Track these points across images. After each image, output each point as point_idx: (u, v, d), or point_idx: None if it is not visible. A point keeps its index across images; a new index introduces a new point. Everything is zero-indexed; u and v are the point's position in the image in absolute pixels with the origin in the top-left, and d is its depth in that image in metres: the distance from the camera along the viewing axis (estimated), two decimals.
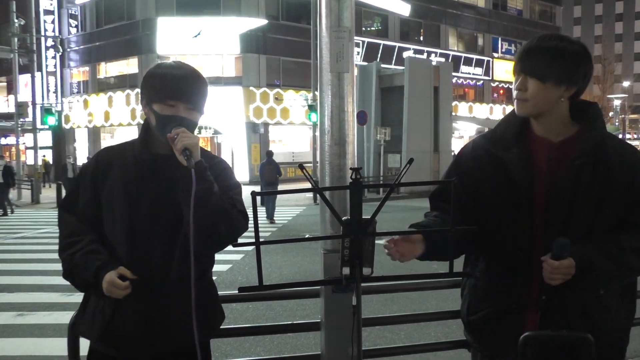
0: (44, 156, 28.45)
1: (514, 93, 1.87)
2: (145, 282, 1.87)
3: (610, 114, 52.99)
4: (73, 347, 2.46)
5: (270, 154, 16.13)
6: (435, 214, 1.96)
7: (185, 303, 1.86)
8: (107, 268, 1.85)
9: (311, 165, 23.59)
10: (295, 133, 32.16)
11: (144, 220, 1.90)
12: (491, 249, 1.92)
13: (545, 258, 1.73)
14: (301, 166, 1.65)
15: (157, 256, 1.90)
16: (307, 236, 8.89)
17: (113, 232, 1.94)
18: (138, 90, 27.34)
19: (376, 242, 1.63)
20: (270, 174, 15.35)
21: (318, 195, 1.76)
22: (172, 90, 1.89)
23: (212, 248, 1.95)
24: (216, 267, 1.96)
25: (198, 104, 1.95)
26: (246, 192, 1.72)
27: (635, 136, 69.32)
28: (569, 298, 1.80)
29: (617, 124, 47.81)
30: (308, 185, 1.65)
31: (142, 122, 2.09)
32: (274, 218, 15.16)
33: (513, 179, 1.84)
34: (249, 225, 1.87)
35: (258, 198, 18.51)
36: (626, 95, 55.59)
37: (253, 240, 1.60)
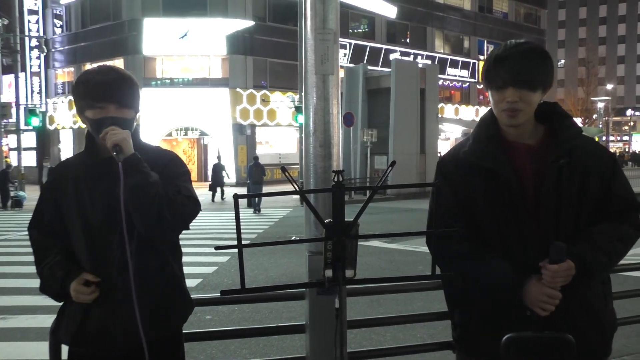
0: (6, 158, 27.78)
1: (503, 105, 1.87)
2: (108, 281, 1.93)
3: (594, 116, 53.56)
4: (55, 353, 2.43)
5: (256, 157, 20.17)
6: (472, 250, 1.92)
7: (151, 295, 1.93)
8: (71, 277, 1.92)
9: (298, 167, 23.57)
10: (282, 135, 32.12)
11: (100, 224, 1.94)
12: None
13: (543, 264, 1.78)
14: (283, 169, 1.64)
15: (115, 255, 1.93)
16: (293, 238, 8.88)
17: (76, 240, 2.00)
18: None
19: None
20: (257, 174, 18.88)
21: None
22: (98, 93, 1.91)
23: (163, 234, 1.94)
24: (202, 270, 1.94)
25: (128, 102, 1.97)
26: (233, 193, 1.70)
27: (618, 138, 70.17)
28: (569, 296, 1.83)
29: (600, 126, 48.33)
30: (297, 185, 1.65)
31: None
32: (260, 207, 18.59)
33: (506, 185, 1.88)
34: (228, 218, 1.85)
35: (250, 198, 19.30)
36: (609, 98, 56.22)
37: (236, 243, 1.59)
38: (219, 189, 22.19)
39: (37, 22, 33.28)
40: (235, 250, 1.65)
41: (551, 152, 1.89)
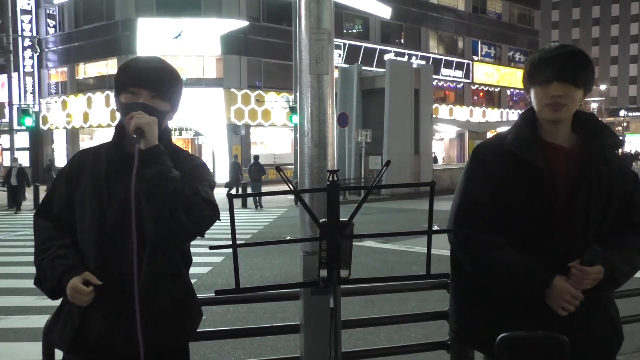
0: None
1: (547, 100, 1.89)
2: (116, 286, 1.80)
3: None
4: (48, 355, 2.40)
5: (257, 157, 21.54)
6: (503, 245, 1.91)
7: (159, 306, 1.81)
8: (71, 273, 1.79)
9: (293, 167, 23.57)
10: (276, 135, 32.10)
11: (115, 221, 1.82)
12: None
13: (574, 264, 1.81)
14: (278, 168, 1.64)
15: (126, 259, 1.80)
16: (288, 238, 8.88)
17: (84, 235, 1.88)
18: None
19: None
20: (256, 173, 20.21)
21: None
22: (134, 78, 1.84)
23: (175, 237, 1.82)
24: (196, 270, 1.93)
25: (164, 93, 1.87)
26: (227, 193, 1.70)
27: None
28: (590, 300, 1.86)
29: None
30: (292, 185, 1.65)
31: None
32: (261, 203, 19.90)
33: (543, 183, 1.89)
34: (222, 218, 1.84)
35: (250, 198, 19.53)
36: (603, 99, 56.52)
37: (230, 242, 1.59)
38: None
39: (30, 21, 33.13)
40: (230, 250, 1.64)
41: (590, 157, 1.92)
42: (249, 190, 20.31)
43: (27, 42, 31.63)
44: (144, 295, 1.79)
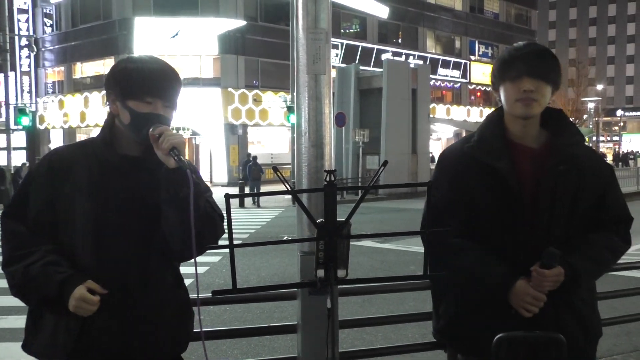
0: None
1: (518, 95, 1.90)
2: (119, 292, 1.74)
3: (585, 116, 53.91)
4: None
5: (255, 157, 23.09)
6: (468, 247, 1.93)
7: (166, 313, 1.77)
8: (73, 282, 1.69)
9: (290, 167, 23.57)
10: (274, 134, 32.09)
11: (113, 226, 1.75)
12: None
13: (535, 268, 1.81)
14: (275, 168, 1.64)
15: (131, 264, 1.76)
16: (285, 238, 8.87)
17: (74, 240, 1.77)
18: None
19: None
20: (256, 172, 22.09)
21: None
22: (152, 87, 1.76)
23: (192, 254, 1.77)
24: (193, 269, 1.92)
25: (174, 101, 1.85)
26: (224, 193, 1.69)
27: (608, 138, 70.67)
28: (558, 300, 1.86)
29: (590, 126, 48.64)
30: (289, 185, 1.65)
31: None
32: (259, 202, 21.04)
33: (506, 186, 1.90)
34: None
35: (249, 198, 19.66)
36: (599, 99, 56.61)
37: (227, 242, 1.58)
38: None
39: (27, 21, 33.04)
40: (227, 250, 1.64)
41: (552, 157, 1.91)
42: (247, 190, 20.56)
43: (23, 42, 31.50)
44: (155, 302, 1.77)
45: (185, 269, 2.05)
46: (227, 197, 1.59)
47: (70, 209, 1.77)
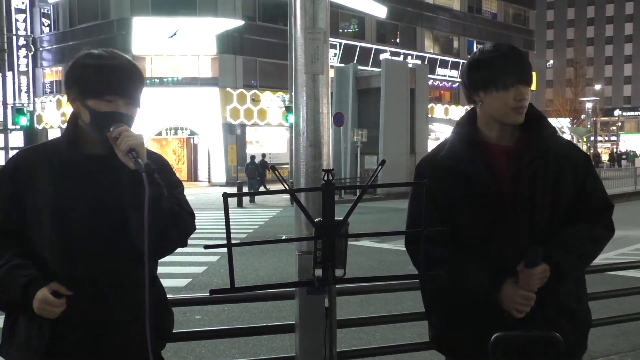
0: None
1: (513, 104, 1.87)
2: (91, 293, 1.72)
3: (583, 116, 53.95)
4: None
5: (253, 157, 24.52)
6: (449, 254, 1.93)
7: (139, 313, 1.70)
8: (36, 285, 1.66)
9: (288, 166, 23.56)
10: (272, 134, 32.09)
11: (81, 227, 1.72)
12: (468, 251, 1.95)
13: (520, 268, 1.80)
14: (273, 168, 1.64)
15: (101, 266, 1.73)
16: (283, 237, 8.87)
17: (42, 243, 1.74)
18: None
19: None
20: (252, 171, 23.42)
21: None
22: (112, 85, 1.70)
23: (163, 253, 1.80)
24: (191, 269, 1.91)
25: (137, 98, 1.78)
26: (222, 192, 1.68)
27: (606, 138, 70.75)
28: (544, 297, 1.86)
29: (588, 126, 48.71)
30: (288, 184, 1.65)
31: None
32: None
33: (484, 189, 1.89)
34: (218, 217, 1.83)
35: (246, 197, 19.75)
36: (597, 99, 56.60)
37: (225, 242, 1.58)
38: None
39: (25, 20, 33.01)
40: (225, 249, 1.64)
41: (527, 153, 1.91)
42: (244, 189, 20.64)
43: (21, 41, 31.49)
44: (128, 302, 1.75)
45: (180, 269, 2.05)
46: (225, 196, 1.59)
47: (37, 211, 1.74)
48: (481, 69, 1.91)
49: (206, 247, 1.71)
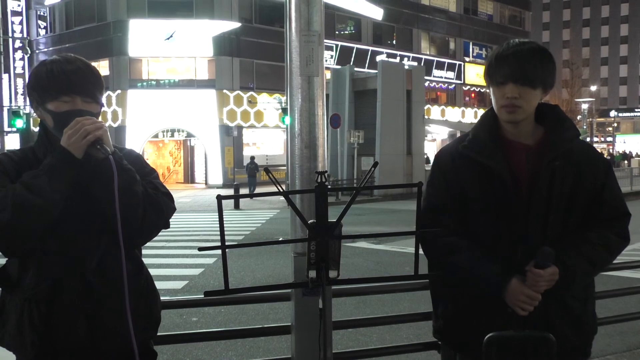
0: None
1: (503, 101, 1.89)
2: (79, 281, 1.76)
3: (578, 117, 54.08)
4: None
5: (252, 157, 25.40)
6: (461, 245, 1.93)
7: (125, 300, 1.73)
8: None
9: (285, 168, 23.57)
10: (269, 136, 32.09)
11: (65, 222, 1.74)
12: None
13: (529, 267, 1.80)
14: (267, 170, 1.64)
15: (87, 255, 1.77)
16: (280, 239, 8.85)
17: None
18: (110, 92, 26.22)
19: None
20: (252, 170, 24.30)
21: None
22: (65, 84, 1.75)
23: (146, 237, 1.84)
24: (188, 271, 1.92)
25: (96, 96, 1.82)
26: (216, 195, 1.69)
27: (602, 139, 70.93)
28: (549, 299, 1.86)
29: (584, 127, 48.82)
30: (281, 187, 1.66)
31: (113, 125, 1.96)
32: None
33: (501, 183, 1.89)
34: (215, 219, 1.85)
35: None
36: (593, 99, 56.81)
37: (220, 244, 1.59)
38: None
39: (21, 23, 32.95)
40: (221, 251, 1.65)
41: (547, 153, 1.90)
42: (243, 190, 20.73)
43: (17, 44, 31.45)
44: (113, 290, 1.77)
45: (176, 271, 2.05)
46: (219, 198, 1.60)
47: None
48: (490, 63, 1.93)
49: (200, 249, 1.72)
